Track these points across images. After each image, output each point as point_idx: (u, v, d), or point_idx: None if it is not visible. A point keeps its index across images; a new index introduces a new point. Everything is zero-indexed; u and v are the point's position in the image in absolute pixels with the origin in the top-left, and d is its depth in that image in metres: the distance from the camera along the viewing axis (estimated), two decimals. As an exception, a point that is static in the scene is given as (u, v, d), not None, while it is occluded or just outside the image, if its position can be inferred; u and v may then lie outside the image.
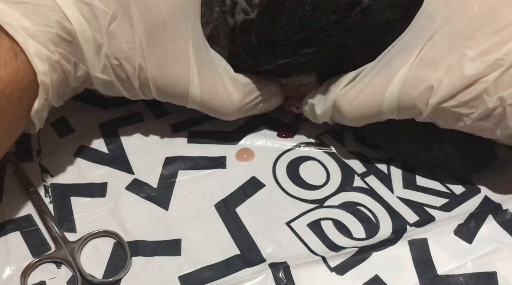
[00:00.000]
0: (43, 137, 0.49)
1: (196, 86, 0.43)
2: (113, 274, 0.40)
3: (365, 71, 0.42)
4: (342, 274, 0.40)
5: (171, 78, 0.43)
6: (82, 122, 0.50)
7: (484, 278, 0.40)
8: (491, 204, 0.45)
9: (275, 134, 0.50)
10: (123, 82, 0.43)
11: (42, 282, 0.40)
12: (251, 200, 0.45)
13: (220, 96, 0.44)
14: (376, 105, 0.42)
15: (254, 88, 0.45)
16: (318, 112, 0.45)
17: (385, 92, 0.41)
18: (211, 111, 0.46)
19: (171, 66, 0.42)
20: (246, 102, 0.45)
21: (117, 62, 0.42)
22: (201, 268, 0.41)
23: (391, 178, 0.47)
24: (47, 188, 0.45)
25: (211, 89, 0.44)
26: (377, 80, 0.41)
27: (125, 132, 0.50)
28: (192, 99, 0.44)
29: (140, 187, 0.46)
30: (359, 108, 0.42)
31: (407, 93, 0.40)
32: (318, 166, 0.48)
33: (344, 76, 0.43)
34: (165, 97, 0.45)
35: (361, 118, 0.43)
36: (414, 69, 0.40)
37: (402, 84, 0.40)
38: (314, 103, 0.46)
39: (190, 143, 0.50)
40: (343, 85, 0.43)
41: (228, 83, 0.44)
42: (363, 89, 0.42)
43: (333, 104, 0.44)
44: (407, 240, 0.42)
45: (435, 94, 0.39)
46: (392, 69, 0.40)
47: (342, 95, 0.43)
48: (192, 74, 0.43)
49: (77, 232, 0.43)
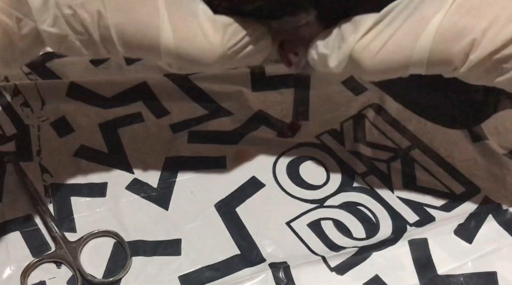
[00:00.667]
0: (43, 137, 0.49)
1: (168, 30, 0.36)
2: (113, 274, 0.40)
3: (389, 17, 0.36)
4: (342, 274, 0.40)
5: (137, 23, 0.36)
6: (82, 122, 0.50)
7: (484, 278, 0.40)
8: (491, 204, 0.45)
9: (275, 134, 0.50)
10: (80, 36, 0.37)
11: (42, 282, 0.40)
12: (251, 200, 0.45)
13: (198, 40, 0.37)
14: (404, 60, 0.36)
15: (238, 28, 0.38)
16: (332, 65, 0.38)
17: (415, 44, 0.35)
18: (189, 61, 0.38)
19: (135, 8, 0.36)
20: (230, 46, 0.38)
21: (71, 10, 0.36)
22: (201, 268, 0.41)
23: (391, 178, 0.47)
24: (47, 188, 0.45)
25: (186, 32, 0.37)
26: (405, 28, 0.35)
27: (125, 132, 0.50)
28: (165, 47, 0.37)
29: (140, 187, 0.46)
30: (383, 63, 0.36)
31: (443, 47, 0.34)
32: (318, 166, 0.48)
33: (362, 21, 0.36)
34: (132, 50, 0.38)
35: (383, 73, 0.37)
36: (452, 17, 0.34)
37: (436, 36, 0.34)
38: (326, 54, 0.38)
39: (190, 143, 0.50)
40: (362, 33, 0.36)
41: (207, 25, 0.37)
42: (388, 40, 0.35)
43: (349, 56, 0.37)
44: (407, 240, 0.42)
45: (477, 48, 0.34)
46: (424, 15, 0.34)
47: (362, 47, 0.36)
48: (162, 16, 0.36)
49: (77, 232, 0.43)
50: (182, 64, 0.39)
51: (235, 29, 0.38)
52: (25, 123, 0.50)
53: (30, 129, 0.50)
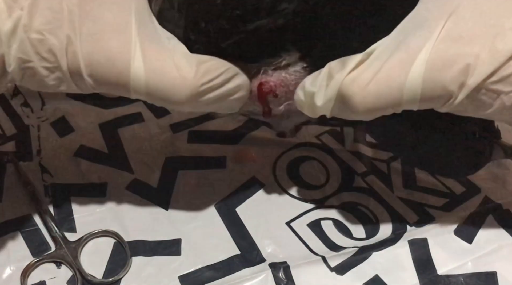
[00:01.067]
0: (43, 137, 0.49)
1: (139, 62, 0.34)
2: (113, 274, 0.40)
3: (377, 52, 0.34)
4: (342, 274, 0.40)
5: (107, 53, 0.34)
6: (82, 122, 0.50)
7: (484, 278, 0.40)
8: (491, 204, 0.45)
9: (275, 134, 0.50)
10: (46, 63, 0.34)
11: (42, 282, 0.40)
12: (251, 200, 0.45)
13: (170, 74, 0.35)
14: (395, 93, 0.34)
15: (213, 65, 0.36)
16: (319, 103, 0.36)
17: (406, 75, 0.33)
18: (159, 97, 0.36)
19: (107, 38, 0.34)
20: (204, 82, 0.35)
21: (39, 35, 0.34)
22: (201, 268, 0.41)
23: (391, 178, 0.47)
24: (47, 188, 0.45)
25: (158, 65, 0.35)
26: (394, 61, 0.34)
27: (125, 132, 0.50)
28: (134, 81, 0.34)
29: (140, 187, 0.46)
30: (373, 97, 0.34)
31: (436, 76, 0.33)
32: (318, 166, 0.48)
33: (349, 59, 0.35)
34: (100, 82, 0.35)
35: (374, 110, 0.35)
36: (441, 46, 0.33)
37: (427, 66, 0.33)
38: (313, 91, 0.36)
39: (190, 142, 0.50)
40: (351, 68, 0.34)
41: (180, 59, 0.35)
42: (378, 72, 0.34)
43: (338, 92, 0.35)
44: (407, 240, 0.42)
45: (473, 73, 0.32)
46: (412, 47, 0.33)
47: (351, 80, 0.34)
48: (134, 47, 0.34)
49: (77, 232, 0.43)
50: (152, 100, 0.36)
51: (211, 66, 0.36)
52: (25, 123, 0.50)
53: (30, 129, 0.50)
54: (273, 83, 0.38)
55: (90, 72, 0.34)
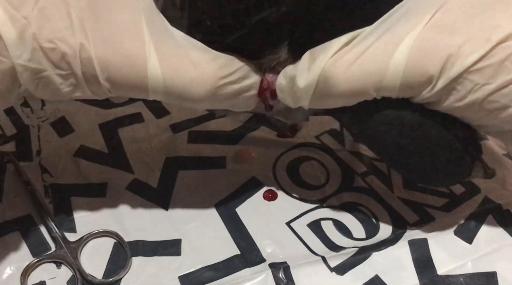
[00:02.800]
0: (43, 137, 0.49)
1: (155, 63, 0.34)
2: (113, 274, 0.40)
3: (361, 36, 0.35)
4: (342, 274, 0.40)
5: (123, 56, 0.34)
6: (82, 122, 0.50)
7: (484, 278, 0.40)
8: (491, 204, 0.45)
9: (275, 134, 0.50)
10: (60, 71, 0.34)
11: (42, 282, 0.40)
12: (251, 200, 0.45)
13: (186, 71, 0.35)
14: (378, 75, 0.34)
15: (228, 61, 0.36)
16: (301, 85, 0.36)
17: (390, 58, 0.33)
18: (178, 95, 0.36)
19: (120, 41, 0.34)
20: (221, 77, 0.35)
21: (51, 44, 0.33)
22: (201, 268, 0.41)
23: (391, 178, 0.47)
24: (47, 188, 0.45)
25: (174, 64, 0.34)
26: (379, 44, 0.34)
27: (125, 132, 0.50)
28: (152, 82, 0.34)
29: (140, 187, 0.46)
30: (356, 78, 0.34)
31: (419, 62, 0.33)
32: (318, 166, 0.48)
33: (333, 41, 0.35)
34: (117, 85, 0.35)
35: (355, 92, 0.35)
36: (426, 35, 0.33)
37: (411, 51, 0.33)
38: (295, 75, 0.36)
39: (190, 142, 0.50)
40: (334, 51, 0.35)
41: (197, 54, 0.35)
42: (362, 54, 0.34)
43: (320, 73, 0.35)
44: (407, 240, 0.42)
45: (455, 63, 0.33)
46: (397, 33, 0.34)
47: (334, 61, 0.35)
48: (149, 47, 0.34)
49: (77, 232, 0.43)
50: (170, 99, 0.36)
51: (227, 61, 0.36)
52: (25, 123, 0.50)
53: (30, 129, 0.50)
54: (271, 79, 0.38)
55: (107, 77, 0.34)
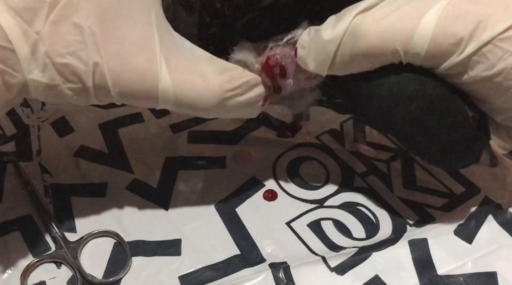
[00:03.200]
0: (43, 137, 0.49)
1: (166, 76, 0.35)
2: (113, 274, 0.40)
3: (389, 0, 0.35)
4: (342, 274, 0.40)
5: (135, 71, 0.35)
6: (82, 122, 0.50)
7: (484, 278, 0.40)
8: (491, 204, 0.45)
9: (275, 134, 0.50)
10: (72, 85, 0.35)
11: (42, 282, 0.40)
12: (251, 200, 0.45)
13: (196, 84, 0.36)
14: (407, 32, 0.34)
15: (236, 74, 0.38)
16: (326, 37, 0.36)
17: (420, 19, 0.34)
18: (187, 106, 0.37)
19: (132, 56, 0.35)
20: (229, 89, 0.37)
21: (63, 59, 0.34)
22: (201, 268, 0.41)
23: (391, 178, 0.47)
24: (47, 188, 0.45)
25: (184, 76, 0.36)
26: (409, 7, 0.34)
27: (125, 132, 0.50)
28: (163, 94, 0.36)
29: (140, 187, 0.46)
30: (385, 31, 0.34)
31: (449, 22, 0.33)
32: (318, 166, 0.48)
33: (361, 2, 0.35)
34: (128, 98, 0.36)
35: (382, 47, 0.35)
36: (457, 2, 0.34)
37: (442, 13, 0.33)
38: (320, 29, 0.36)
39: (190, 143, 0.50)
40: (363, 7, 0.35)
41: (204, 67, 0.37)
42: (392, 13, 0.34)
43: (348, 26, 0.35)
44: (407, 240, 0.42)
45: (485, 28, 0.33)
46: (427, 0, 0.34)
47: (363, 16, 0.35)
48: (160, 62, 0.35)
49: (77, 232, 0.43)
50: (179, 109, 0.37)
51: (235, 74, 0.37)
52: (25, 123, 0.50)
53: (30, 129, 0.50)
54: (279, 56, 0.38)
55: (118, 90, 0.35)
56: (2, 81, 0.33)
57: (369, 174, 0.48)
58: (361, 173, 0.48)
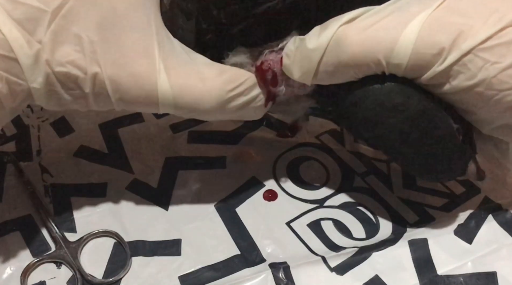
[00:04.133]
0: (43, 137, 0.49)
1: (164, 81, 0.36)
2: (113, 274, 0.40)
3: (373, 11, 0.35)
4: (342, 274, 0.40)
5: (134, 77, 0.36)
6: (82, 122, 0.50)
7: (484, 278, 0.40)
8: (491, 204, 0.45)
9: (275, 134, 0.50)
10: (71, 91, 0.36)
11: (42, 282, 0.40)
12: (251, 200, 0.45)
13: (195, 87, 0.37)
14: (390, 41, 0.34)
15: (234, 75, 0.38)
16: (311, 47, 0.36)
17: (403, 29, 0.34)
18: (188, 110, 0.38)
19: (131, 62, 0.35)
20: (229, 89, 0.37)
21: (62, 68, 0.35)
22: (201, 268, 0.41)
23: (391, 178, 0.47)
24: (47, 188, 0.45)
25: (183, 81, 0.36)
26: (392, 18, 0.35)
27: (125, 132, 0.50)
28: (163, 99, 0.36)
29: (140, 187, 0.46)
30: (369, 40, 0.35)
31: (431, 33, 0.34)
32: (318, 166, 0.48)
33: (346, 13, 0.36)
34: (127, 103, 0.37)
35: (366, 56, 0.35)
36: (439, 14, 0.34)
37: (424, 24, 0.34)
38: (305, 39, 0.37)
39: (190, 142, 0.50)
40: (347, 19, 0.35)
41: (202, 70, 0.37)
42: (375, 23, 0.35)
43: (332, 36, 0.35)
44: (407, 240, 0.42)
45: (466, 38, 0.33)
46: (410, 11, 0.34)
47: (347, 26, 0.35)
48: (159, 69, 0.36)
49: (77, 232, 0.43)
50: (180, 113, 0.38)
51: (233, 75, 0.38)
52: (25, 123, 0.50)
53: (30, 129, 0.50)
54: (272, 62, 0.38)
55: (118, 97, 0.36)
56: (8, 89, 0.34)
57: (369, 174, 0.48)
58: (361, 173, 0.48)
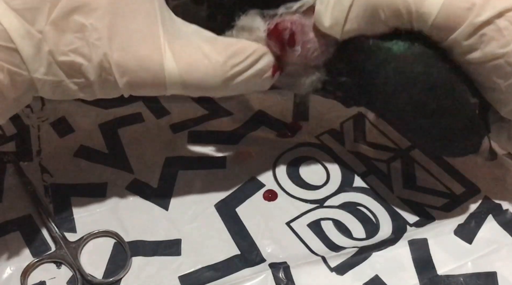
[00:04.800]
0: (43, 137, 0.49)
1: (170, 61, 0.36)
2: (113, 274, 0.40)
3: None
4: (342, 274, 0.40)
5: (139, 60, 0.36)
6: (82, 122, 0.50)
7: (484, 278, 0.40)
8: (491, 204, 0.45)
9: (275, 134, 0.50)
10: (76, 80, 0.36)
11: (42, 282, 0.40)
12: (251, 200, 0.45)
13: (201, 64, 0.37)
14: None
15: (239, 49, 0.38)
16: None
17: None
18: (195, 87, 0.38)
19: (136, 45, 0.35)
20: (233, 64, 0.37)
21: (66, 57, 0.35)
22: (201, 268, 0.41)
23: (391, 178, 0.47)
24: (47, 188, 0.45)
25: (188, 59, 0.37)
26: None
27: (125, 132, 0.50)
28: (169, 78, 0.36)
29: (140, 187, 0.46)
30: None
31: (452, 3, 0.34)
32: (318, 166, 0.48)
33: None
34: (136, 87, 0.37)
35: None
36: None
37: None
38: None
39: (190, 142, 0.50)
40: None
41: (207, 47, 0.37)
42: None
43: None
44: (407, 240, 0.42)
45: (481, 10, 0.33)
46: None
47: None
48: (164, 50, 0.36)
49: (77, 232, 0.43)
50: (188, 92, 0.38)
51: (238, 49, 0.38)
52: (25, 123, 0.50)
53: (30, 129, 0.50)
54: (289, 22, 0.38)
55: (126, 81, 0.36)
56: (10, 80, 0.34)
57: (369, 174, 0.48)
58: (361, 173, 0.48)
